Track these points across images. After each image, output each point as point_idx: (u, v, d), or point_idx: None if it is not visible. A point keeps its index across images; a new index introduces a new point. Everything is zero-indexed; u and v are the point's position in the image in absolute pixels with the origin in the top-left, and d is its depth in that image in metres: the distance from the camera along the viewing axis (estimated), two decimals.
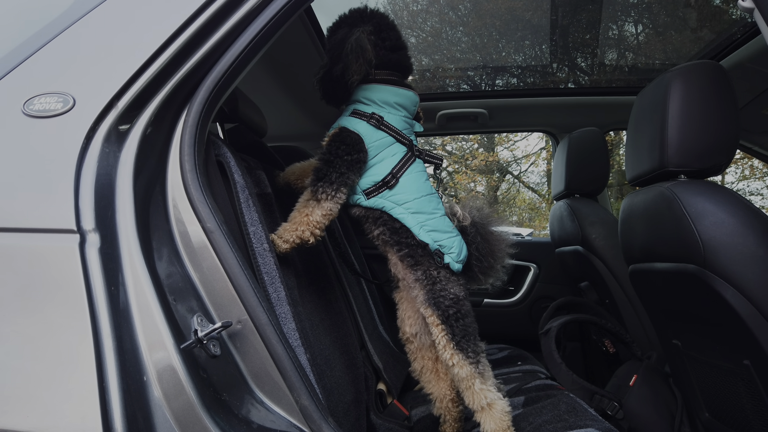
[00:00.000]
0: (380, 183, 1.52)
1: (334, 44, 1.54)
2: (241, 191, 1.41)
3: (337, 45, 1.53)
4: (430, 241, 1.52)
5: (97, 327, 0.91)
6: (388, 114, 1.58)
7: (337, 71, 1.53)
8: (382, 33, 1.59)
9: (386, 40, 1.60)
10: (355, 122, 1.54)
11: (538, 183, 14.50)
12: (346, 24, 1.58)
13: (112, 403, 0.88)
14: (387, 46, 1.60)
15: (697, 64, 1.65)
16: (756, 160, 10.03)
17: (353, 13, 1.60)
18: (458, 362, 1.44)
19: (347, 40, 1.49)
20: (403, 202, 1.52)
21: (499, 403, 1.45)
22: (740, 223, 1.45)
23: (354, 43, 1.49)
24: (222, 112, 1.67)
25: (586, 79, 4.20)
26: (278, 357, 1.09)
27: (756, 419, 1.61)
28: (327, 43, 1.61)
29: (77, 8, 1.17)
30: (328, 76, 1.60)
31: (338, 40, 1.53)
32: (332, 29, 1.62)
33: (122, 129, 1.10)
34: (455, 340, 1.45)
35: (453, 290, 1.51)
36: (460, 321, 1.48)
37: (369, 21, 1.58)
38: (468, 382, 1.44)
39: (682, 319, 1.83)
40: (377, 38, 1.58)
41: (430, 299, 1.50)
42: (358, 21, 1.58)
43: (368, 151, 1.51)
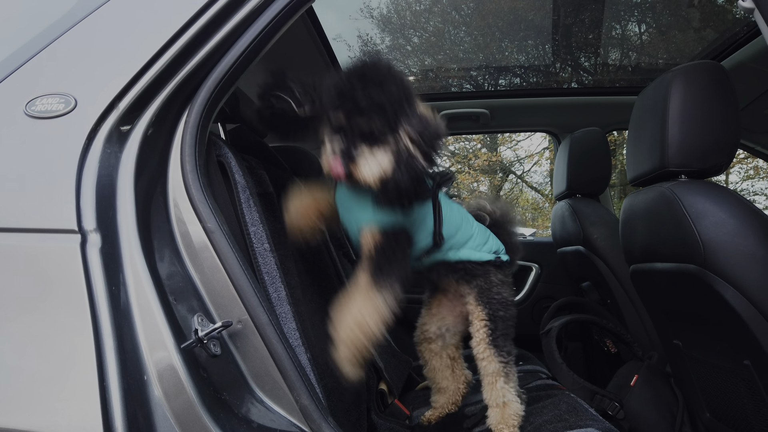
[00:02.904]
0: (430, 248, 1.47)
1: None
2: (242, 191, 1.42)
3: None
4: (489, 255, 1.56)
5: (98, 326, 0.92)
6: None
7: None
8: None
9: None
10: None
11: (541, 183, 14.48)
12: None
13: (112, 402, 0.89)
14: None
15: (697, 64, 1.65)
16: (760, 161, 10.00)
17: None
18: (489, 356, 1.48)
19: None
20: (451, 246, 1.51)
21: (514, 404, 1.49)
22: (741, 223, 1.45)
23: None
24: (223, 112, 1.68)
25: (588, 78, 4.19)
26: (278, 356, 1.10)
27: (756, 419, 1.61)
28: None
29: (79, 10, 1.18)
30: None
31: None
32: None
33: (123, 130, 1.10)
34: (493, 336, 1.50)
35: (505, 294, 1.57)
36: (504, 323, 1.53)
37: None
38: (493, 377, 1.48)
39: (682, 319, 1.83)
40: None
41: (483, 299, 1.54)
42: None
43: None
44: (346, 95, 1.19)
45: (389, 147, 1.21)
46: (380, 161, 1.20)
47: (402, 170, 1.19)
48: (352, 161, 1.20)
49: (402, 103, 1.22)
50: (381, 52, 1.55)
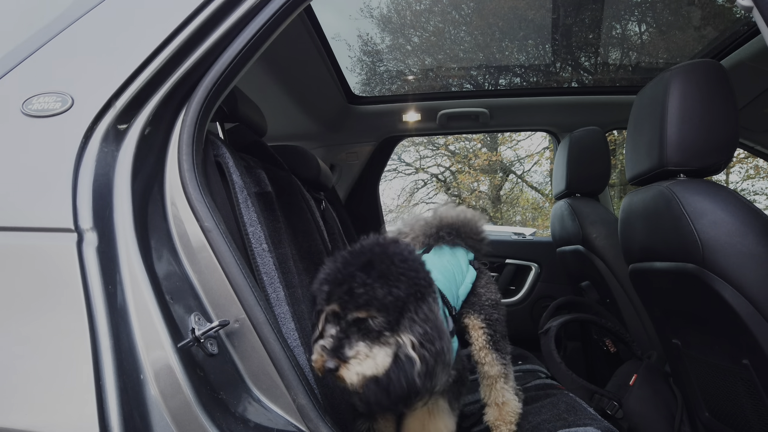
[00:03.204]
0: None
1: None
2: (239, 192, 1.42)
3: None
4: (473, 271, 1.59)
5: (94, 325, 0.92)
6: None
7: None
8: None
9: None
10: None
11: (541, 183, 14.48)
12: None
13: (108, 402, 0.89)
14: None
15: (696, 63, 1.65)
16: (761, 160, 9.99)
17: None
18: (491, 361, 1.48)
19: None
20: (458, 298, 1.50)
21: (512, 402, 1.50)
22: (739, 222, 1.45)
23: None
24: (222, 111, 1.68)
25: (588, 78, 4.19)
26: (276, 356, 1.10)
27: (755, 419, 1.61)
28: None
29: (76, 8, 1.18)
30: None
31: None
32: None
33: (120, 128, 1.10)
34: (494, 340, 1.50)
35: (493, 295, 1.58)
36: (500, 324, 1.53)
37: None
38: (493, 380, 1.49)
39: (681, 318, 1.83)
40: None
41: (476, 306, 1.54)
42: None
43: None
44: (342, 287, 1.08)
45: (389, 348, 1.08)
46: (377, 363, 1.06)
47: (395, 376, 1.05)
48: (342, 362, 1.05)
49: (410, 302, 1.09)
50: (387, 242, 1.26)
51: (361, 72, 5.20)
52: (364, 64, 5.27)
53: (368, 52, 5.28)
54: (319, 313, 1.15)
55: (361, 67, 5.23)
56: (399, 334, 1.08)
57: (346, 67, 3.33)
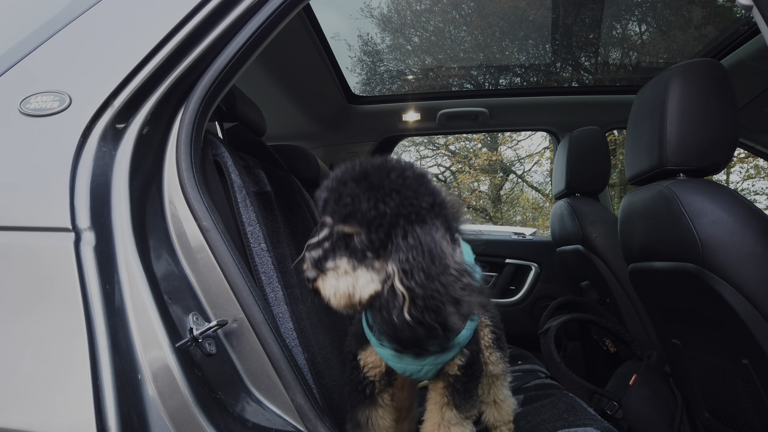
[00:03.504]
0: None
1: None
2: (238, 191, 1.41)
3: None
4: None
5: (92, 325, 0.92)
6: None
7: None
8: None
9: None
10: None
11: (541, 182, 14.47)
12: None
13: (106, 402, 0.88)
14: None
15: (696, 63, 1.64)
16: (761, 160, 9.98)
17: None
18: (495, 360, 1.46)
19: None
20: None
21: (510, 400, 1.50)
22: (739, 221, 1.45)
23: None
24: (220, 111, 1.67)
25: (588, 78, 4.19)
26: (274, 356, 1.09)
27: (755, 419, 1.61)
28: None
29: (74, 7, 1.17)
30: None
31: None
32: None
33: (118, 128, 1.10)
34: (498, 338, 1.48)
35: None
36: (500, 323, 1.51)
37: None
38: (494, 378, 1.47)
39: (681, 318, 1.83)
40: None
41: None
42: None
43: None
44: (335, 196, 1.00)
45: (376, 274, 0.99)
46: (360, 283, 0.98)
47: (384, 318, 0.96)
48: (321, 272, 0.99)
49: (400, 221, 0.97)
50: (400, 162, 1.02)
51: (362, 72, 5.21)
52: (365, 64, 5.28)
53: (368, 52, 5.28)
54: (322, 225, 1.06)
55: (361, 67, 5.23)
56: (386, 261, 0.98)
57: (347, 67, 3.33)
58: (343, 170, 1.03)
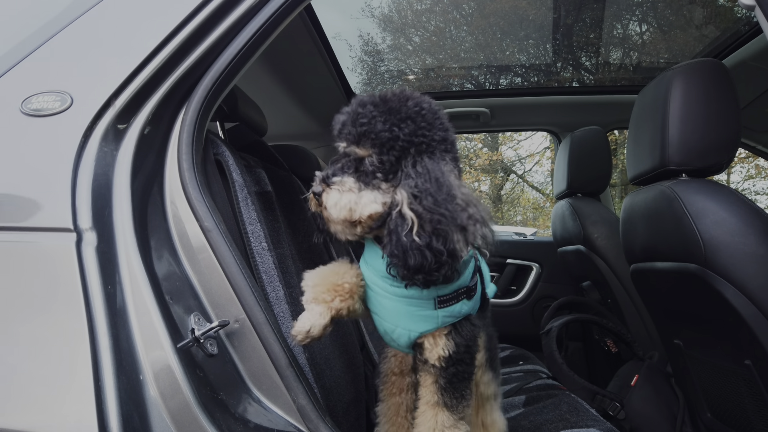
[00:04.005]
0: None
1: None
2: (239, 190, 1.41)
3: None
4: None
5: (94, 326, 0.91)
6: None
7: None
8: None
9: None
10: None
11: (542, 182, 14.48)
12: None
13: (107, 402, 0.88)
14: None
15: (698, 63, 1.64)
16: (762, 159, 9.98)
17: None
18: (487, 381, 1.36)
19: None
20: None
21: (500, 422, 1.38)
22: (741, 222, 1.44)
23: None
24: (222, 111, 1.67)
25: (589, 78, 4.18)
26: (276, 356, 1.09)
27: (758, 419, 1.60)
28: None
29: (76, 7, 1.17)
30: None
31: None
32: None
33: (120, 128, 1.10)
34: (491, 357, 1.37)
35: (488, 311, 1.38)
36: (496, 341, 1.42)
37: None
38: (485, 400, 1.36)
39: (683, 318, 1.82)
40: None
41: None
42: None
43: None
44: (351, 118, 1.02)
45: (380, 194, 1.01)
46: (360, 200, 1.00)
47: (394, 243, 0.97)
48: (327, 186, 1.00)
49: (411, 149, 1.00)
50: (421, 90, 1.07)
51: (362, 72, 5.20)
52: (365, 64, 5.27)
53: (369, 52, 5.27)
54: (336, 160, 1.08)
55: (362, 67, 5.23)
56: (395, 187, 1.00)
57: (347, 67, 3.32)
58: (363, 96, 1.06)
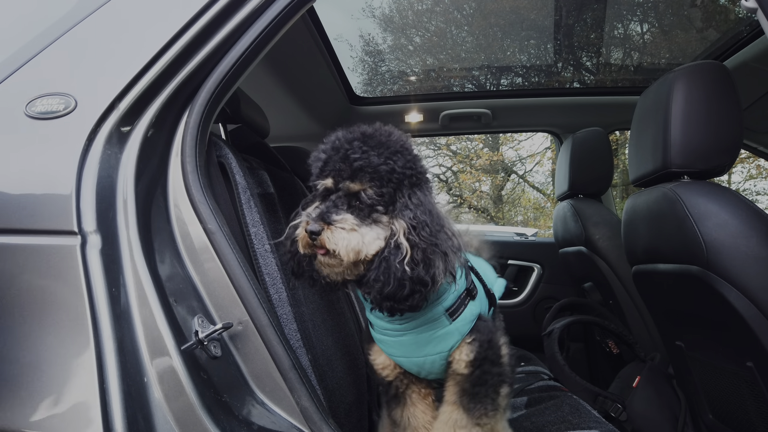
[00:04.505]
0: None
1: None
2: (242, 192, 1.41)
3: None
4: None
5: (98, 328, 0.92)
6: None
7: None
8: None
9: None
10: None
11: (543, 183, 14.47)
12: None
13: (112, 404, 0.88)
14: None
15: (700, 65, 1.64)
16: (763, 160, 9.97)
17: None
18: (505, 395, 1.31)
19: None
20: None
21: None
22: (743, 224, 1.44)
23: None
24: (224, 113, 1.67)
25: (591, 78, 4.19)
26: (279, 358, 1.10)
27: (759, 421, 1.60)
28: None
29: (80, 10, 1.17)
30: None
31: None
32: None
33: (124, 131, 1.10)
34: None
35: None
36: (514, 366, 1.40)
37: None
38: (500, 410, 1.31)
39: (685, 320, 1.82)
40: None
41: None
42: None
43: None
44: (339, 154, 1.03)
45: (381, 230, 1.02)
46: (364, 238, 1.00)
47: (381, 270, 0.99)
48: (327, 225, 0.98)
49: (404, 182, 1.04)
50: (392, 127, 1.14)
51: (363, 72, 5.21)
52: (366, 64, 5.27)
53: (370, 52, 5.28)
54: (310, 201, 1.10)
55: (363, 67, 5.23)
56: (392, 218, 1.02)
57: (348, 67, 3.32)
58: (340, 135, 1.07)
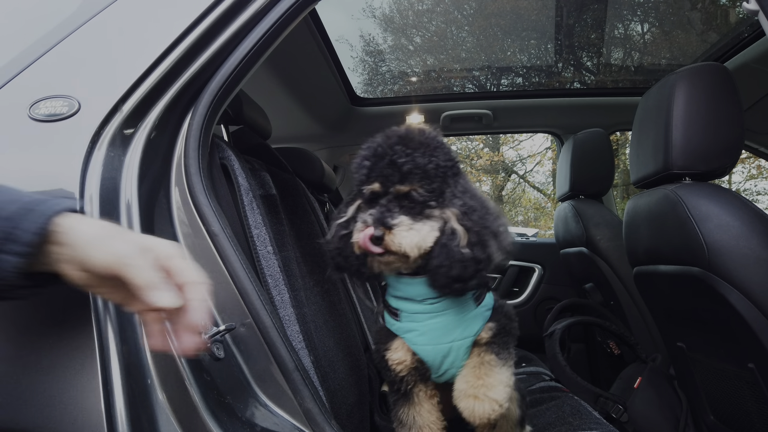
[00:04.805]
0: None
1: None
2: (245, 194, 1.42)
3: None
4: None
5: (101, 329, 0.92)
6: None
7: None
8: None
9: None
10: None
11: (543, 183, 14.47)
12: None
13: (116, 406, 0.89)
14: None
15: (701, 66, 1.64)
16: (764, 160, 9.97)
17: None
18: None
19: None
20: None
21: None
22: (744, 226, 1.45)
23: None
24: (227, 114, 1.68)
25: (591, 78, 4.19)
26: (282, 360, 1.10)
27: (761, 423, 1.61)
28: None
29: (83, 12, 1.18)
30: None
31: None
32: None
33: (127, 133, 1.10)
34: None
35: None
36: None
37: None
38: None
39: (686, 321, 1.83)
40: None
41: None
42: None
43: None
44: (384, 160, 1.07)
45: (434, 222, 1.08)
46: (422, 234, 1.06)
47: (443, 256, 1.05)
48: (387, 229, 1.03)
49: (448, 174, 1.10)
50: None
51: (363, 72, 5.21)
52: (367, 64, 5.28)
53: (370, 52, 5.28)
54: (351, 201, 1.17)
55: (363, 67, 5.24)
56: (443, 209, 1.08)
57: (349, 68, 3.33)
58: (380, 141, 1.12)
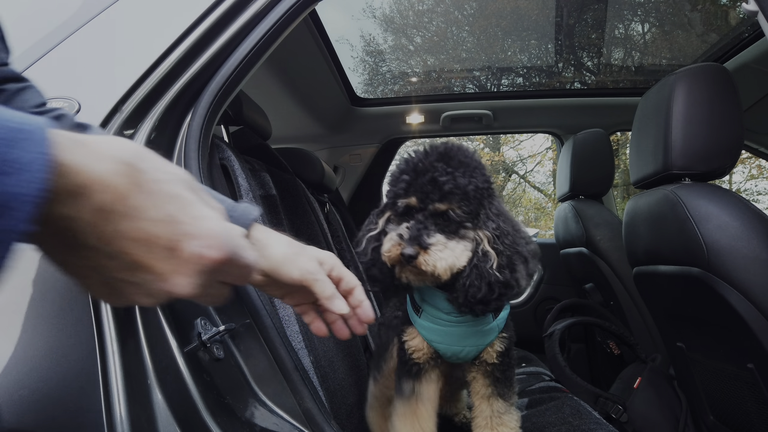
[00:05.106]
0: None
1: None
2: (245, 194, 1.42)
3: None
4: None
5: (101, 329, 0.92)
6: None
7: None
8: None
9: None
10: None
11: (543, 183, 14.46)
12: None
13: (115, 407, 0.89)
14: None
15: (700, 67, 1.65)
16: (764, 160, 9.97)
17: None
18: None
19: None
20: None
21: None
22: (744, 226, 1.45)
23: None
24: (226, 114, 1.68)
25: (591, 79, 4.19)
26: (281, 360, 1.10)
27: (760, 423, 1.61)
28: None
29: (83, 13, 1.18)
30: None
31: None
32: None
33: (127, 134, 1.10)
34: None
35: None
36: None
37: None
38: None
39: (686, 322, 1.83)
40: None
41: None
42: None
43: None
44: (424, 176, 1.06)
45: (468, 243, 1.08)
46: (456, 253, 1.06)
47: (474, 276, 1.06)
48: (423, 249, 1.03)
49: (484, 196, 1.10)
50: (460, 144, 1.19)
51: (364, 72, 5.21)
52: (367, 65, 5.28)
53: (371, 53, 5.28)
54: (381, 212, 1.16)
55: (363, 68, 5.23)
56: (477, 230, 1.09)
57: (349, 68, 3.33)
58: (420, 155, 1.10)
